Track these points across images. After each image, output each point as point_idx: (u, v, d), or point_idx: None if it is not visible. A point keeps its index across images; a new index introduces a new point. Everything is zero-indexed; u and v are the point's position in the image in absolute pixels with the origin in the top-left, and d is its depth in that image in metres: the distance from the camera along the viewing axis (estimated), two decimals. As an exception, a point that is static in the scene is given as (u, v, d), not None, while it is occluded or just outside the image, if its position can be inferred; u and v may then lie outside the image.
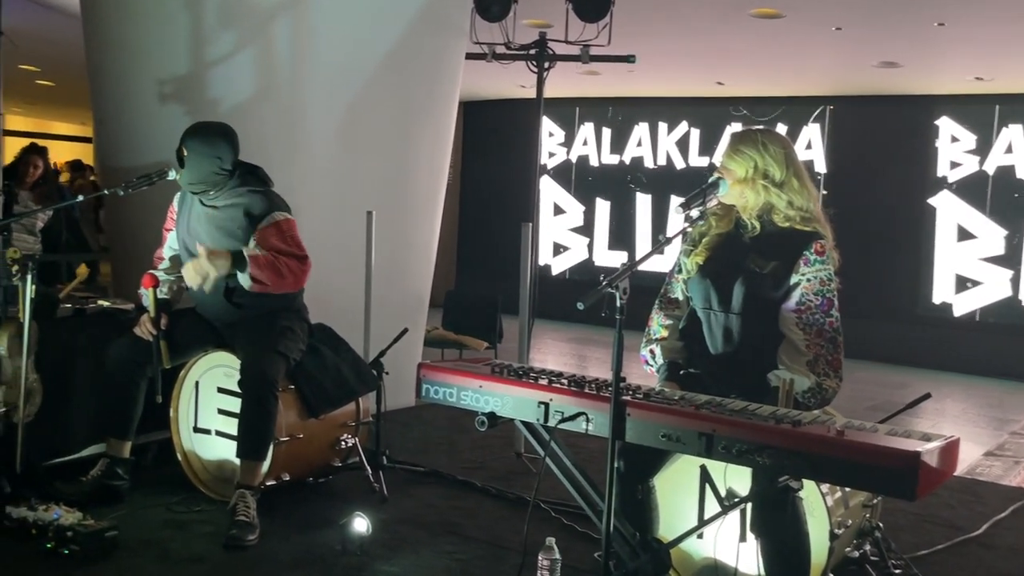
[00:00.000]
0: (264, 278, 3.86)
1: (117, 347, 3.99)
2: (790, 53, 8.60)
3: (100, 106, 5.56)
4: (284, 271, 3.89)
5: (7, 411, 3.72)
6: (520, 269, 5.06)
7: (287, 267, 3.90)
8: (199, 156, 3.88)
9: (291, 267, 3.91)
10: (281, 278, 3.88)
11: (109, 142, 5.51)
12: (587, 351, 10.01)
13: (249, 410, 3.83)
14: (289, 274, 3.90)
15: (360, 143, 5.61)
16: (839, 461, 2.34)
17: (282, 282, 3.89)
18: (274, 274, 3.87)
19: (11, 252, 3.65)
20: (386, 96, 5.70)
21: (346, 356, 4.34)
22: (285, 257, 3.91)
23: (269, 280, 3.86)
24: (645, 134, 11.61)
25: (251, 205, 3.95)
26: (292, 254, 3.92)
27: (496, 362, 2.98)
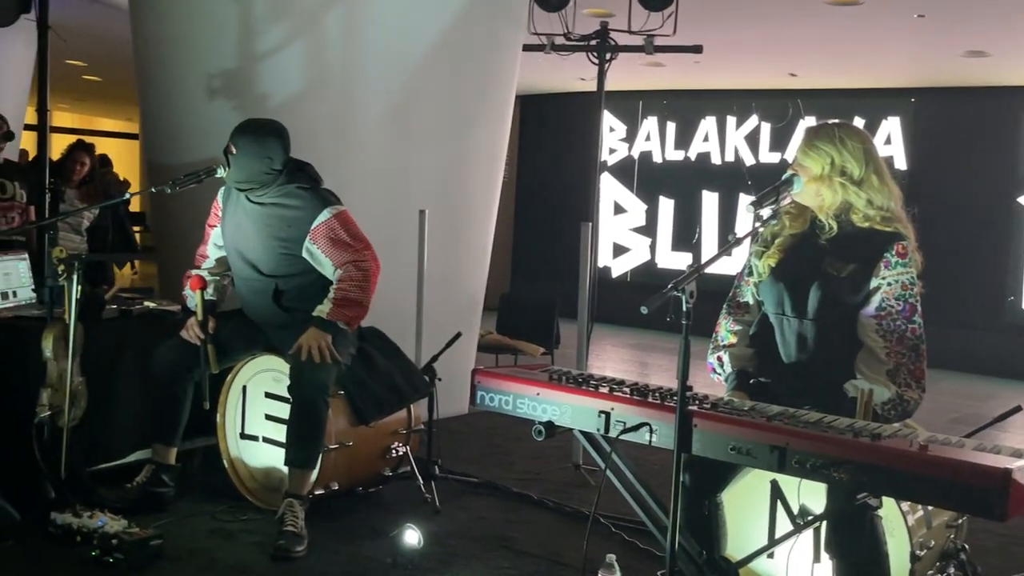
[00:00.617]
0: (357, 312, 3.97)
1: (164, 351, 4.06)
2: (868, 42, 8.46)
3: (147, 102, 5.67)
4: (360, 289, 3.95)
5: (52, 414, 3.79)
6: (579, 271, 5.05)
7: (357, 284, 3.95)
8: (248, 156, 3.94)
9: (360, 277, 3.95)
10: (364, 292, 3.97)
11: (156, 138, 5.61)
12: (649, 358, 9.94)
13: (298, 416, 3.87)
14: (364, 284, 3.96)
15: (413, 139, 5.64)
16: (922, 478, 2.29)
17: (368, 294, 4.00)
18: (358, 298, 3.94)
19: (57, 252, 3.74)
20: (440, 90, 5.73)
21: (397, 361, 4.37)
22: (346, 271, 3.94)
23: (361, 306, 3.98)
24: (712, 129, 11.51)
25: (300, 203, 4.00)
26: (352, 249, 3.95)
27: (554, 369, 2.97)
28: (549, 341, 7.08)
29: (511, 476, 4.94)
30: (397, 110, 5.55)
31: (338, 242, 3.97)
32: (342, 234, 3.98)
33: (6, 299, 4.35)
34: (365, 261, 4.00)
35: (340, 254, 3.98)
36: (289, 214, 3.99)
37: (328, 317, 3.93)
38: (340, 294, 3.96)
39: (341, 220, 4.01)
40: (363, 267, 3.99)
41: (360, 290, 3.98)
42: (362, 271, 3.99)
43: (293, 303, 4.06)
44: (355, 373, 4.14)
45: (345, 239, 3.98)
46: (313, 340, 3.88)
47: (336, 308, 3.94)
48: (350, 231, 4.02)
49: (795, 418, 2.58)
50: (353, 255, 3.98)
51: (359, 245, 4.01)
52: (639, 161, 12.07)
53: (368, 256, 4.02)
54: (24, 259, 4.52)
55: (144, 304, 4.53)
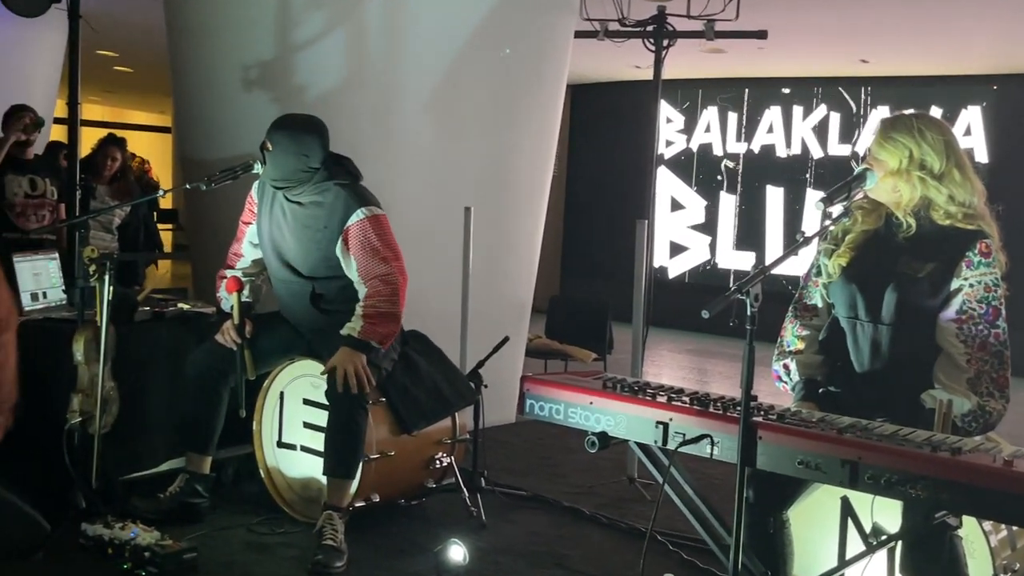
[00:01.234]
0: (390, 329, 3.98)
1: (198, 355, 4.12)
2: (947, 25, 8.34)
3: (180, 94, 5.75)
4: (389, 303, 3.95)
5: (83, 421, 3.86)
6: (633, 271, 5.03)
7: (386, 299, 3.95)
8: (285, 153, 3.97)
9: (388, 292, 3.95)
10: (395, 305, 3.98)
11: (190, 132, 5.69)
12: (708, 364, 9.89)
13: (337, 424, 3.90)
14: (394, 298, 3.97)
15: (458, 132, 5.67)
16: (1006, 495, 2.25)
17: (398, 308, 4.00)
18: (389, 312, 3.95)
19: (88, 251, 3.79)
20: (487, 80, 5.74)
21: (441, 367, 4.38)
22: (373, 287, 3.95)
23: (394, 320, 3.98)
24: (777, 119, 11.42)
25: (336, 201, 4.01)
26: (380, 259, 3.95)
27: (608, 376, 2.97)
28: (602, 346, 7.07)
29: (562, 489, 4.93)
30: (441, 101, 5.57)
31: (368, 248, 3.97)
32: (374, 239, 3.98)
33: (36, 300, 4.42)
34: (392, 274, 3.98)
35: (368, 263, 3.97)
36: (324, 212, 4.01)
37: (360, 336, 3.93)
38: (370, 310, 3.94)
39: (375, 224, 4.01)
40: (391, 280, 3.97)
41: (390, 304, 3.96)
42: (390, 285, 3.97)
43: (332, 305, 4.09)
44: (397, 379, 4.16)
45: (376, 245, 3.98)
46: (348, 364, 3.88)
47: (368, 325, 3.93)
48: (383, 238, 4.01)
49: (868, 431, 2.55)
50: (381, 267, 3.97)
51: (389, 255, 4.00)
52: (698, 154, 12.02)
53: (396, 269, 4.00)
54: (55, 259, 4.59)
55: (178, 306, 4.60)
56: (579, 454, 5.49)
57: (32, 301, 4.40)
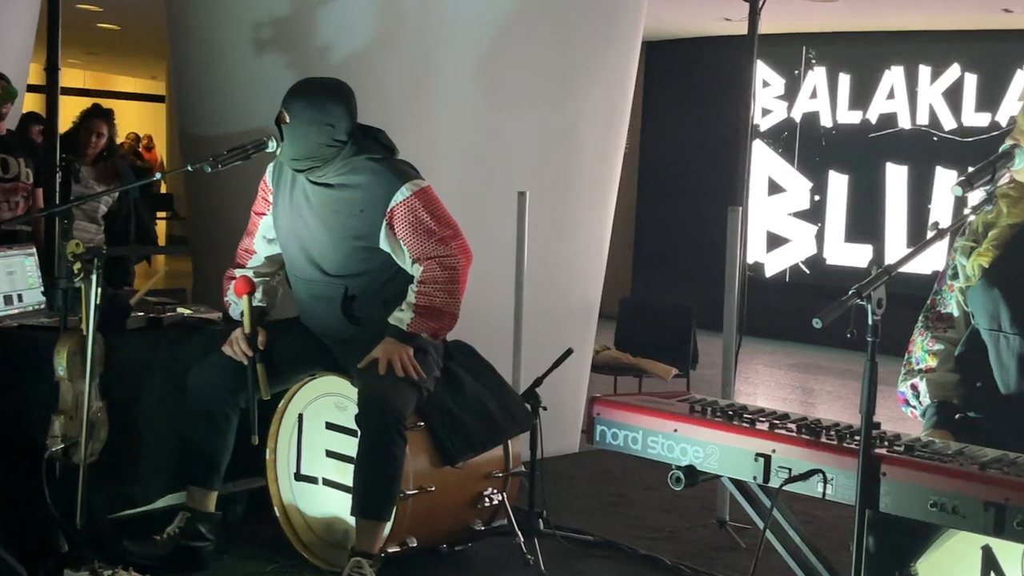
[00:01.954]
0: (445, 323, 4.04)
1: (202, 371, 4.17)
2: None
3: (180, 56, 5.83)
4: (446, 293, 4.00)
5: (66, 448, 3.91)
6: (724, 269, 5.01)
7: (442, 287, 4.00)
8: (306, 124, 4.01)
9: (446, 278, 3.99)
10: (452, 295, 4.02)
11: (191, 103, 5.76)
12: (814, 382, 9.82)
13: (368, 454, 3.93)
14: (452, 286, 4.01)
15: (510, 102, 5.69)
16: None
17: (456, 299, 4.05)
18: (445, 305, 4.01)
19: (72, 245, 3.82)
20: (544, 39, 5.75)
21: (491, 385, 4.40)
22: (428, 270, 3.99)
23: (450, 314, 4.05)
24: (900, 82, 11.31)
25: (372, 179, 4.05)
26: (436, 238, 4.00)
27: (697, 398, 2.97)
28: (684, 360, 7.05)
29: (636, 534, 4.93)
30: (489, 65, 5.60)
31: (419, 227, 4.02)
32: (424, 216, 4.03)
33: (10, 304, 4.50)
34: (451, 256, 4.04)
35: (421, 243, 4.03)
36: (359, 195, 4.05)
37: (409, 328, 3.99)
38: (423, 299, 4.01)
39: (424, 199, 4.06)
40: (449, 263, 4.03)
41: (447, 294, 4.02)
42: (448, 269, 4.03)
43: (365, 311, 4.12)
44: (440, 400, 4.18)
45: (428, 223, 4.03)
46: (393, 353, 3.94)
47: (419, 318, 3.99)
48: (435, 213, 4.06)
49: (1017, 466, 2.54)
50: (437, 247, 4.02)
51: (445, 232, 4.05)
52: (802, 125, 11.93)
53: (456, 248, 4.06)
54: (32, 254, 4.67)
55: (177, 310, 4.65)
56: (658, 491, 5.49)
57: (5, 305, 4.48)
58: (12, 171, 6.00)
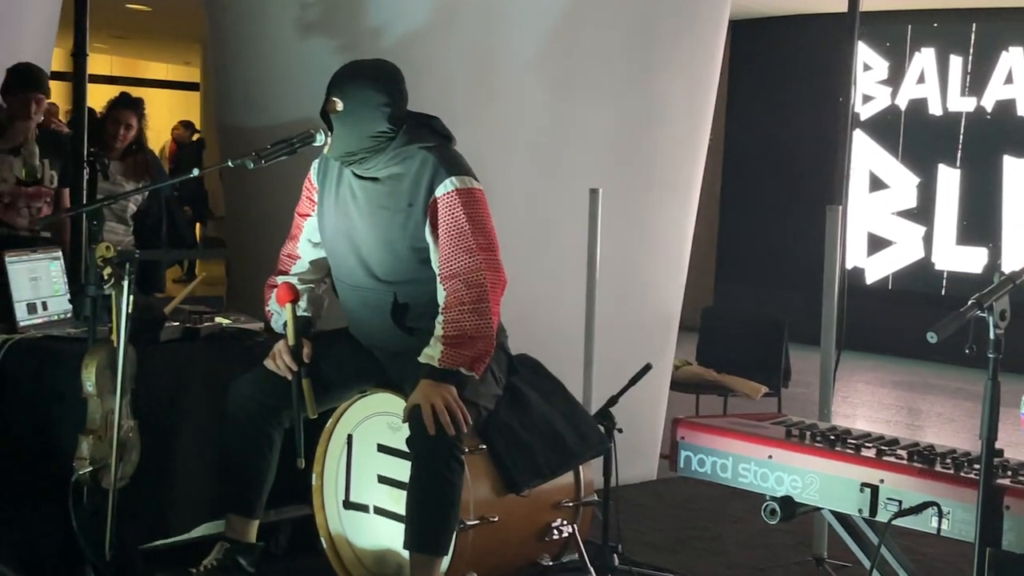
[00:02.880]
0: (480, 349, 3.99)
1: (242, 387, 4.19)
2: None
3: (217, 40, 5.89)
4: (475, 314, 3.94)
5: (95, 471, 3.94)
6: (821, 275, 4.98)
7: (470, 308, 3.94)
8: (363, 108, 4.01)
9: (472, 298, 3.95)
10: (482, 316, 3.96)
11: (230, 91, 5.81)
12: (922, 402, 9.73)
13: (421, 481, 3.94)
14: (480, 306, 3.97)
15: (581, 89, 5.69)
16: None
17: (488, 320, 4.00)
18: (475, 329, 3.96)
19: (102, 248, 3.84)
20: (620, 20, 5.76)
21: (561, 404, 4.39)
22: (453, 289, 3.97)
23: (483, 338, 3.99)
24: (1019, 64, 11.17)
25: (423, 168, 4.04)
26: (465, 249, 3.97)
27: (793, 420, 2.96)
28: (775, 376, 7.00)
29: (722, 572, 4.92)
30: (558, 48, 5.60)
31: (454, 231, 3.98)
32: (462, 220, 3.99)
33: (33, 313, 4.56)
34: (479, 271, 3.99)
35: (450, 253, 3.99)
36: (406, 186, 4.03)
37: (441, 364, 3.96)
38: (450, 327, 3.95)
39: (466, 199, 4.02)
40: (475, 280, 3.97)
41: (476, 315, 3.97)
42: (474, 287, 3.97)
43: (420, 321, 4.11)
44: (503, 420, 4.18)
45: (464, 228, 3.99)
46: (435, 399, 3.91)
47: (449, 349, 3.95)
48: (475, 219, 4.02)
49: None
50: (463, 259, 3.98)
51: (477, 243, 4.00)
52: (907, 113, 11.82)
53: (484, 264, 4.00)
54: (57, 258, 4.73)
55: (215, 320, 4.70)
56: (747, 524, 5.46)
57: (29, 314, 4.53)
58: (36, 174, 6.06)
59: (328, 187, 4.21)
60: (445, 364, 3.94)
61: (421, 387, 3.93)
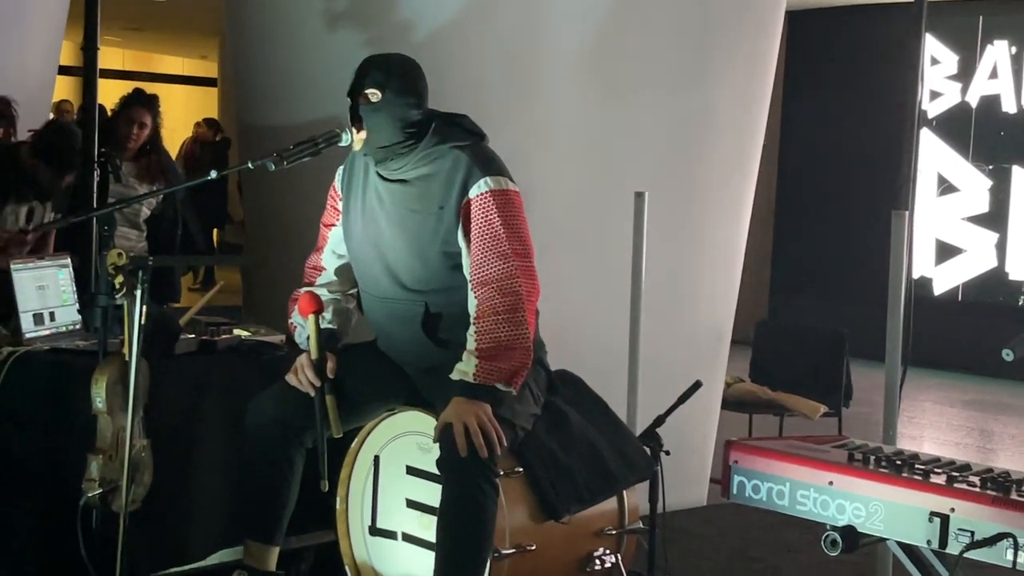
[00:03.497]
0: (516, 362, 3.97)
1: (262, 404, 4.20)
2: None
3: (237, 33, 5.91)
4: (510, 324, 3.93)
5: (104, 493, 3.96)
6: (884, 286, 4.96)
7: (504, 318, 3.93)
8: (394, 99, 4.02)
9: (506, 307, 3.94)
10: (517, 327, 3.94)
11: (250, 88, 5.84)
12: (995, 423, 9.67)
13: (452, 506, 3.93)
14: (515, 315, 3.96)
15: (627, 86, 5.69)
16: None
17: (523, 329, 3.98)
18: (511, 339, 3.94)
19: (114, 256, 3.86)
20: (669, 12, 5.76)
21: (603, 423, 4.39)
22: (485, 297, 3.96)
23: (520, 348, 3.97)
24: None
25: (456, 167, 4.04)
26: (498, 255, 3.96)
27: (856, 443, 2.95)
28: (835, 395, 6.99)
29: (778, 606, 4.91)
30: (603, 43, 5.61)
31: (488, 235, 3.98)
32: (496, 223, 3.99)
33: (40, 324, 4.59)
34: (513, 279, 3.98)
35: (482, 258, 3.99)
36: (437, 187, 4.04)
37: (476, 379, 3.95)
38: (484, 338, 3.95)
39: (501, 201, 4.01)
40: (509, 287, 3.97)
41: (511, 324, 3.96)
42: (508, 295, 3.96)
43: (452, 333, 4.10)
44: (541, 441, 4.17)
45: (498, 232, 3.98)
46: (467, 417, 3.91)
47: (484, 363, 3.95)
48: (509, 223, 4.01)
49: None
50: (497, 265, 3.97)
51: (512, 248, 4.00)
52: (978, 111, 11.77)
53: (519, 270, 3.99)
54: (66, 265, 4.77)
55: (233, 332, 4.72)
56: (805, 554, 5.44)
57: (35, 325, 4.57)
58: (35, 219, 6.06)
59: (354, 194, 4.22)
60: (480, 379, 3.94)
61: (453, 404, 3.92)
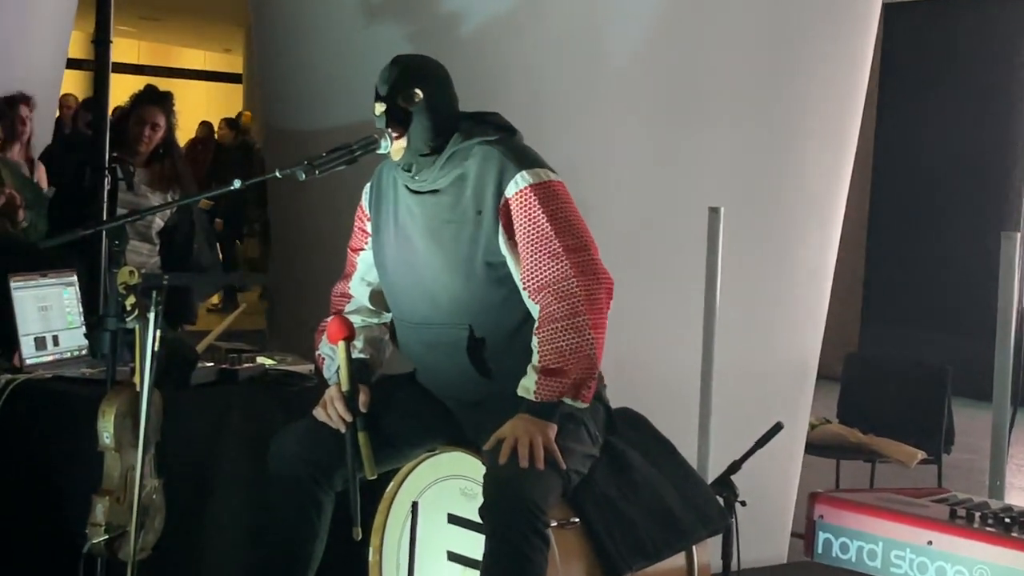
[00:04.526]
0: (582, 373, 3.94)
1: (287, 441, 4.19)
2: None
3: (265, 25, 5.95)
4: (573, 331, 3.89)
5: (111, 539, 3.96)
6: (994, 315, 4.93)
7: (567, 324, 3.89)
8: (438, 98, 4.06)
9: (565, 311, 3.91)
10: (581, 335, 3.90)
11: (279, 87, 5.88)
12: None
13: (496, 560, 3.91)
14: (578, 320, 3.95)
15: (699, 90, 5.71)
16: None
17: (590, 336, 3.93)
18: (575, 347, 3.91)
19: (125, 274, 3.87)
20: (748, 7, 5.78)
21: (671, 469, 4.38)
22: (545, 303, 3.94)
23: (586, 357, 3.93)
24: None
25: (486, 165, 4.03)
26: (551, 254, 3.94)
27: (959, 497, 2.94)
28: (934, 439, 6.93)
29: None
30: (671, 41, 5.62)
31: (535, 234, 3.96)
32: (540, 218, 3.97)
33: (42, 348, 4.63)
34: (569, 280, 3.94)
35: (533, 261, 3.97)
36: (470, 191, 4.04)
37: (538, 396, 3.94)
38: (545, 350, 3.92)
39: (544, 193, 4.00)
40: (565, 290, 3.93)
41: (572, 332, 3.92)
42: (566, 300, 3.93)
43: (500, 360, 4.10)
44: (600, 488, 4.16)
45: (544, 227, 3.96)
46: (523, 434, 3.92)
47: (545, 379, 3.94)
48: (557, 215, 3.99)
49: None
50: (550, 267, 3.95)
51: (564, 244, 3.96)
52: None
53: (573, 268, 3.95)
54: (72, 284, 4.80)
55: (256, 361, 4.74)
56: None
57: (37, 350, 4.61)
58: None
59: (384, 213, 4.22)
60: (542, 396, 3.92)
61: (515, 420, 3.91)
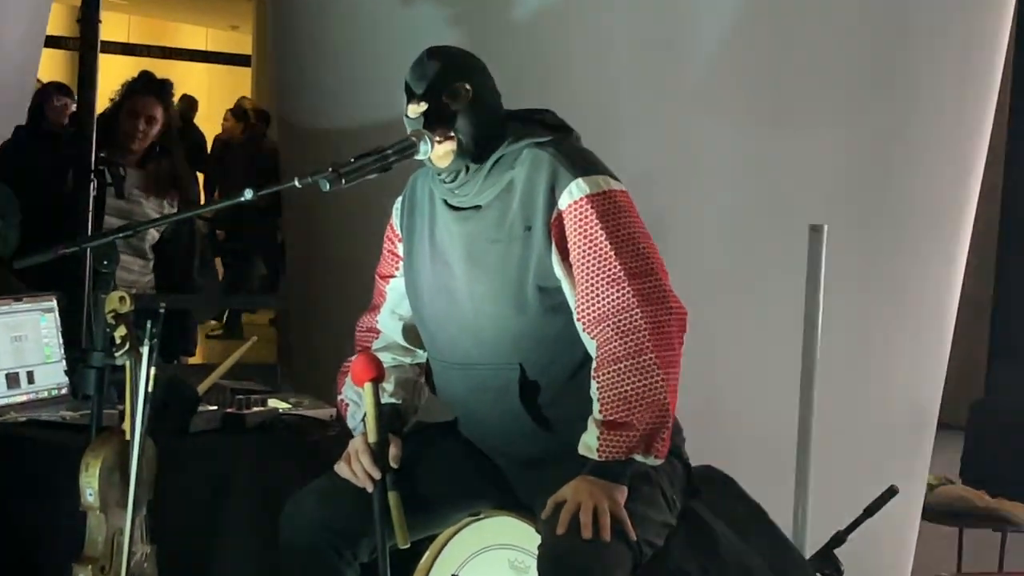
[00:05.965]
0: (652, 426, 3.87)
1: (304, 502, 4.19)
2: None
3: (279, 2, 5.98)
4: (639, 375, 3.83)
5: (94, 618, 4.02)
6: None
7: (632, 369, 3.82)
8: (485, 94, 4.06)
9: (629, 351, 3.84)
10: (648, 378, 3.83)
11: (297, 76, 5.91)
12: None
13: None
14: (646, 363, 3.91)
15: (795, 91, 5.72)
16: None
17: (659, 381, 3.79)
18: (641, 395, 3.87)
19: (114, 301, 3.85)
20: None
21: (762, 539, 4.38)
22: (605, 343, 3.88)
23: (657, 407, 3.85)
24: None
25: (536, 171, 4.00)
26: (612, 280, 3.88)
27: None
28: (1077, 506, 6.92)
29: None
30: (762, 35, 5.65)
31: (589, 252, 3.90)
32: (598, 235, 3.90)
33: (14, 386, 4.65)
34: (631, 310, 3.86)
35: (589, 284, 3.91)
36: (518, 202, 4.00)
37: (602, 455, 3.88)
38: (607, 400, 3.86)
39: (604, 205, 3.93)
40: (627, 324, 3.85)
41: (637, 373, 3.84)
42: (629, 336, 3.84)
43: (559, 407, 4.07)
44: (676, 563, 4.16)
45: (602, 246, 3.89)
46: (588, 499, 3.87)
47: (609, 434, 3.88)
48: (617, 232, 3.91)
49: None
50: (610, 292, 3.87)
51: (629, 265, 3.89)
52: None
53: (636, 297, 3.87)
54: (51, 309, 4.79)
55: (268, 404, 4.75)
56: None
57: (8, 388, 4.65)
58: None
59: (419, 233, 4.19)
60: (607, 454, 3.86)
61: (577, 482, 3.85)
